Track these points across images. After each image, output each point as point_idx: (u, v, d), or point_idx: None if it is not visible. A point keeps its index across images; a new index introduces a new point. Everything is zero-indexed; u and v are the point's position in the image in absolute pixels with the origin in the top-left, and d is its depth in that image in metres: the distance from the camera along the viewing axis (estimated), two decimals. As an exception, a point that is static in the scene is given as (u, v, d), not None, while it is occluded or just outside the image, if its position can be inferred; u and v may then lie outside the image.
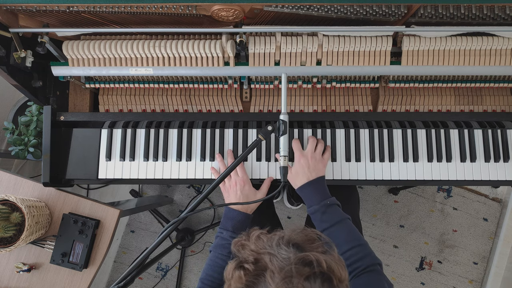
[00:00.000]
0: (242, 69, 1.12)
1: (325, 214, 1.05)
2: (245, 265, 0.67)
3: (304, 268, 0.64)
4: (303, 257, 0.65)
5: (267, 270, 0.65)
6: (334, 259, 0.67)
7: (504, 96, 1.26)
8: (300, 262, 0.65)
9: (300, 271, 0.63)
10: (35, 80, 1.16)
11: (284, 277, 0.63)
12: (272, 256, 0.66)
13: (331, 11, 0.98)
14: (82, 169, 1.24)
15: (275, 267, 0.64)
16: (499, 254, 2.02)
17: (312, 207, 1.08)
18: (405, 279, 2.09)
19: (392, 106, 1.26)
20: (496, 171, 1.21)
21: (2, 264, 1.25)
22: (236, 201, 1.13)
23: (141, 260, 0.89)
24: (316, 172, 1.12)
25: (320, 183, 1.12)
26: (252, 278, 0.66)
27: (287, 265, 0.64)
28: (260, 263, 0.67)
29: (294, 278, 0.62)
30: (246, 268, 0.67)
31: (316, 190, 1.10)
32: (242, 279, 0.66)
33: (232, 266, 0.70)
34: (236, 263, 0.70)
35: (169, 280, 2.12)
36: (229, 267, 0.70)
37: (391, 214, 2.12)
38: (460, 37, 1.06)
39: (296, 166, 1.14)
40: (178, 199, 2.18)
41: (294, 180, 1.13)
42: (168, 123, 1.24)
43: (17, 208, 1.14)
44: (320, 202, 1.07)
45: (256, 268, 0.66)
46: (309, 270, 0.64)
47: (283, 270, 0.63)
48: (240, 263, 0.69)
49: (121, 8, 0.97)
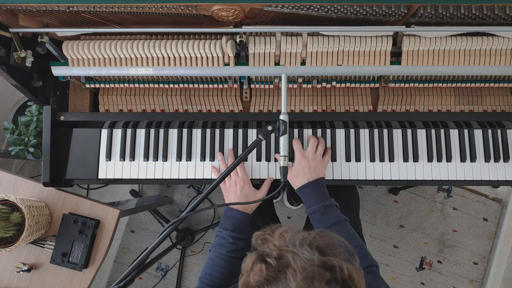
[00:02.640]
0: (242, 69, 1.12)
1: (324, 215, 1.05)
2: (268, 259, 0.67)
3: (326, 272, 0.64)
4: (326, 261, 0.65)
5: (289, 268, 0.65)
6: (355, 269, 0.67)
7: (504, 96, 1.26)
8: (323, 265, 0.65)
9: (322, 274, 0.63)
10: (35, 80, 1.16)
11: (306, 277, 0.63)
12: (296, 255, 0.66)
13: (331, 11, 0.98)
14: (82, 169, 1.24)
15: (297, 266, 0.64)
16: (499, 254, 2.02)
17: (311, 208, 1.08)
18: (405, 279, 2.09)
19: (392, 106, 1.26)
20: (496, 171, 1.21)
21: (2, 264, 1.25)
22: (236, 200, 1.14)
23: (141, 260, 0.89)
24: (316, 173, 1.12)
25: (320, 184, 1.12)
26: (273, 273, 0.65)
27: (310, 266, 0.64)
28: (283, 260, 0.66)
29: (315, 280, 0.62)
30: (269, 262, 0.67)
31: (316, 191, 1.10)
32: (263, 272, 0.66)
33: (253, 258, 0.69)
34: (258, 255, 0.69)
35: (169, 280, 2.12)
36: (248, 259, 0.70)
37: (391, 214, 2.12)
38: (460, 37, 1.06)
39: (297, 167, 1.14)
40: (178, 199, 2.18)
41: (294, 180, 1.13)
42: (168, 123, 1.24)
43: (17, 208, 1.14)
44: (319, 203, 1.07)
45: (279, 264, 0.66)
46: (330, 275, 0.64)
47: (305, 271, 0.63)
48: (263, 256, 0.69)
49: (121, 8, 0.97)
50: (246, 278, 0.69)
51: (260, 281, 0.66)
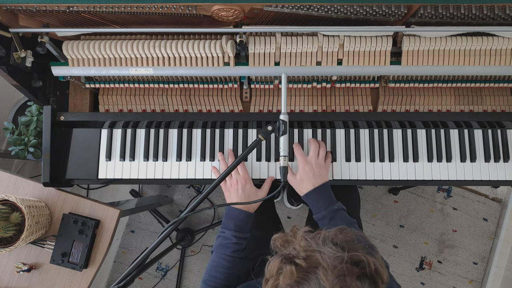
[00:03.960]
0: (242, 69, 1.12)
1: (333, 219, 1.05)
2: (297, 260, 0.67)
3: (355, 267, 0.65)
4: (353, 257, 0.66)
5: (319, 267, 0.65)
6: (379, 261, 0.68)
7: (504, 96, 1.26)
8: (351, 261, 0.65)
9: (351, 270, 0.64)
10: (35, 80, 1.16)
11: (338, 275, 0.63)
12: (323, 254, 0.66)
13: (331, 11, 0.98)
14: (82, 169, 1.24)
15: (327, 264, 0.64)
16: (499, 254, 2.02)
17: (320, 213, 1.08)
18: (405, 279, 2.09)
19: (392, 106, 1.26)
20: (496, 171, 1.21)
21: (2, 264, 1.25)
22: (238, 200, 1.13)
23: (141, 260, 0.89)
24: (321, 178, 1.12)
25: (326, 189, 1.11)
26: (303, 274, 0.65)
27: (339, 264, 0.64)
28: (311, 260, 0.67)
29: (347, 277, 0.63)
30: (298, 264, 0.67)
31: (323, 196, 1.10)
32: (294, 274, 0.66)
33: (278, 260, 0.69)
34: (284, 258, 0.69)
35: (169, 280, 2.12)
36: (273, 263, 0.70)
37: (391, 214, 2.12)
38: (460, 37, 1.06)
39: (301, 173, 1.13)
40: (178, 199, 2.18)
41: (300, 187, 1.12)
42: (168, 123, 1.24)
43: (17, 208, 1.14)
44: (327, 208, 1.07)
45: (308, 265, 0.66)
46: (359, 270, 0.65)
47: (336, 268, 0.64)
48: (290, 258, 0.68)
49: (121, 8, 0.97)
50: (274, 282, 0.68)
51: (290, 284, 0.65)
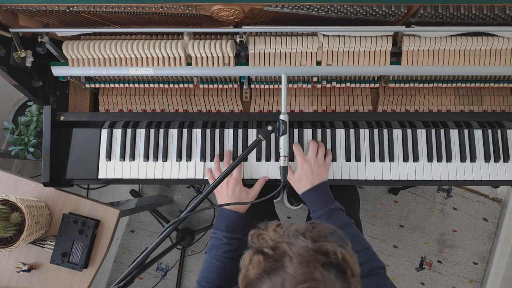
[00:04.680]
0: (242, 69, 1.12)
1: (330, 219, 1.05)
2: (265, 249, 0.69)
3: (321, 256, 0.66)
4: (320, 246, 0.67)
5: (285, 255, 0.66)
6: (348, 253, 0.69)
7: (504, 96, 1.26)
8: (317, 250, 0.67)
9: (317, 258, 0.65)
10: (35, 80, 1.16)
11: (302, 261, 0.65)
12: (291, 244, 0.68)
13: (331, 11, 0.98)
14: (82, 169, 1.24)
15: (293, 253, 0.66)
16: (499, 254, 2.02)
17: (317, 212, 1.08)
18: (405, 279, 2.09)
19: (392, 106, 1.26)
20: (496, 171, 1.21)
21: (2, 264, 1.25)
22: (228, 201, 1.13)
23: (141, 260, 0.89)
24: (319, 177, 1.12)
25: (324, 188, 1.11)
26: (271, 263, 0.67)
27: (305, 252, 0.66)
28: (279, 249, 0.68)
29: (311, 264, 0.64)
30: (266, 253, 0.69)
31: (321, 195, 1.10)
32: (261, 263, 0.68)
33: (250, 253, 0.71)
34: (255, 249, 0.71)
35: (169, 280, 2.12)
36: (246, 255, 0.72)
37: (391, 214, 2.12)
38: (460, 37, 1.06)
39: (299, 171, 1.13)
40: (178, 199, 2.18)
41: (298, 185, 1.13)
42: (168, 123, 1.24)
43: (17, 208, 1.14)
44: (325, 207, 1.07)
45: (275, 254, 0.68)
46: (325, 259, 0.66)
47: (300, 256, 0.65)
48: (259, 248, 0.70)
49: (121, 8, 0.97)
50: (245, 272, 0.70)
51: (259, 273, 0.67)
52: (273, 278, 0.66)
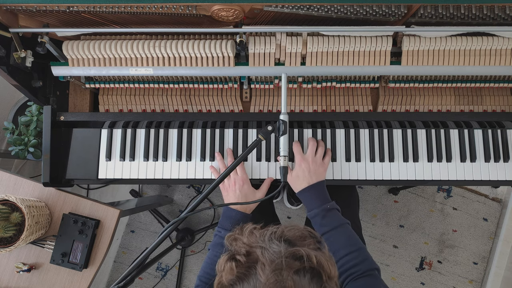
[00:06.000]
0: (242, 69, 1.12)
1: (325, 218, 1.05)
2: (237, 256, 0.69)
3: (295, 262, 0.65)
4: (294, 252, 0.66)
5: (258, 262, 0.66)
6: (324, 256, 0.68)
7: (504, 96, 1.26)
8: (291, 256, 0.66)
9: (290, 264, 0.65)
10: (35, 80, 1.16)
11: (274, 269, 0.64)
12: (264, 250, 0.67)
13: (331, 11, 0.98)
14: (82, 169, 1.24)
15: (266, 259, 0.65)
16: (499, 254, 2.02)
17: (313, 211, 1.08)
18: (405, 279, 2.09)
19: (392, 106, 1.26)
20: (496, 171, 1.21)
21: (2, 264, 1.25)
22: (235, 200, 1.14)
23: (141, 260, 0.89)
24: (317, 176, 1.12)
25: (321, 187, 1.11)
26: (243, 270, 0.67)
27: (278, 258, 0.65)
28: (252, 256, 0.68)
29: (284, 271, 0.64)
30: (238, 260, 0.68)
31: (317, 194, 1.10)
32: (233, 270, 0.67)
33: (224, 258, 0.71)
34: (228, 255, 0.71)
35: (169, 280, 2.12)
36: (221, 260, 0.71)
37: (391, 214, 2.12)
38: (460, 37, 1.06)
39: (297, 170, 1.13)
40: (178, 199, 2.18)
41: (295, 183, 1.13)
42: (168, 123, 1.24)
43: (17, 208, 1.14)
44: (320, 206, 1.07)
45: (248, 260, 0.67)
46: (299, 264, 0.65)
47: (273, 263, 0.65)
48: (232, 255, 0.70)
49: (121, 8, 0.97)
50: (219, 278, 0.70)
51: (232, 279, 0.67)
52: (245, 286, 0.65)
